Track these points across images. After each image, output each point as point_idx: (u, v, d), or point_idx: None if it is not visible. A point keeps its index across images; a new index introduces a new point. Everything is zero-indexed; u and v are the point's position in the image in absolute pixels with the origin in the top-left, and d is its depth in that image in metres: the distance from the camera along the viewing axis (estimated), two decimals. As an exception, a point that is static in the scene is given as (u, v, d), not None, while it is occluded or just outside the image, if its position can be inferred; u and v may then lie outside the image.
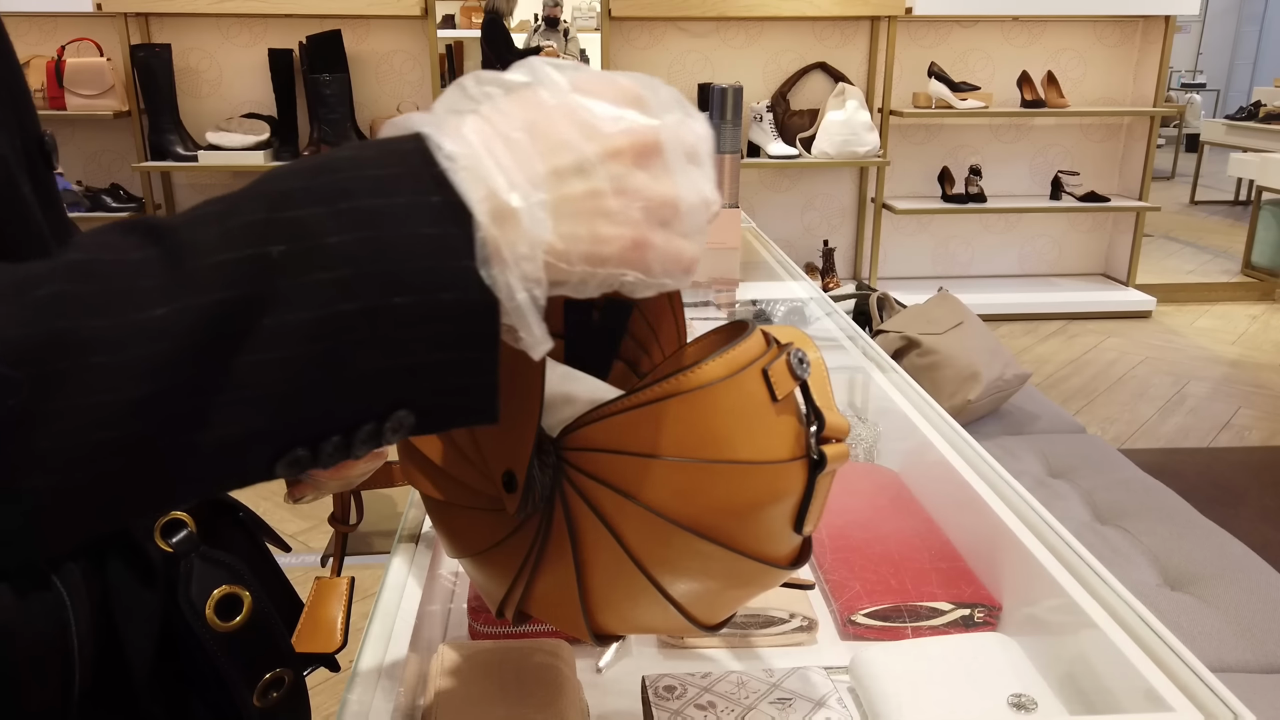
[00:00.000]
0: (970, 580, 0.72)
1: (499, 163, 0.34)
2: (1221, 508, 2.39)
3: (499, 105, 0.36)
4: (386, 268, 0.31)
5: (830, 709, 0.58)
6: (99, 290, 0.29)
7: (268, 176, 0.33)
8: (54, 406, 0.28)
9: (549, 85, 0.36)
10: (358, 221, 0.31)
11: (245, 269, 0.30)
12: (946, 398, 2.16)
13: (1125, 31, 4.32)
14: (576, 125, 0.35)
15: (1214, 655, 1.42)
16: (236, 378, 0.30)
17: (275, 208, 0.31)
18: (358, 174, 0.32)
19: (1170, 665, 0.55)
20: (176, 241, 0.30)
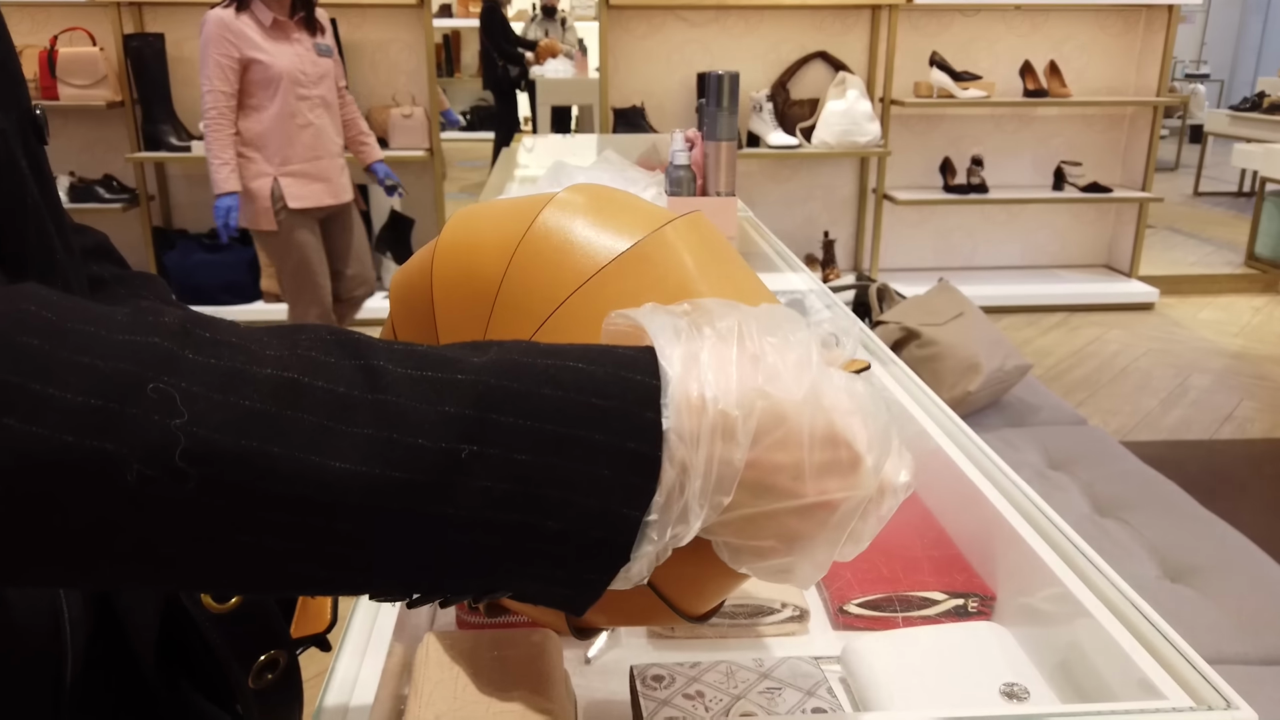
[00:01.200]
0: (965, 570, 0.71)
1: (703, 465, 0.34)
2: (1223, 500, 2.38)
3: (730, 371, 0.34)
4: (553, 494, 0.33)
5: (819, 698, 0.58)
6: (297, 420, 0.31)
7: (503, 353, 0.34)
8: (212, 506, 0.30)
9: (791, 387, 0.35)
10: (552, 446, 0.33)
11: (432, 459, 0.32)
12: (947, 389, 2.15)
13: (1129, 21, 4.30)
14: (789, 465, 0.34)
15: (1214, 647, 1.41)
16: (379, 542, 0.32)
17: (487, 407, 0.33)
18: (579, 398, 0.33)
19: (1164, 654, 0.54)
20: (386, 401, 0.32)
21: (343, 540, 0.32)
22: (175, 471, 0.29)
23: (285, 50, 2.70)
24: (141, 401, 0.29)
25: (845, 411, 0.35)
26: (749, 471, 0.34)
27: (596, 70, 4.65)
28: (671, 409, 0.33)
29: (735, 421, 0.33)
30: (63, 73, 3.76)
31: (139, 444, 0.29)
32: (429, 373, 0.33)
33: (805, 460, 0.34)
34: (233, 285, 4.07)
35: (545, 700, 0.56)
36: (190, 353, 0.31)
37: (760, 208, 4.21)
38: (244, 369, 0.31)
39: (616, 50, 4.07)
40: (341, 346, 0.33)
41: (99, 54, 3.79)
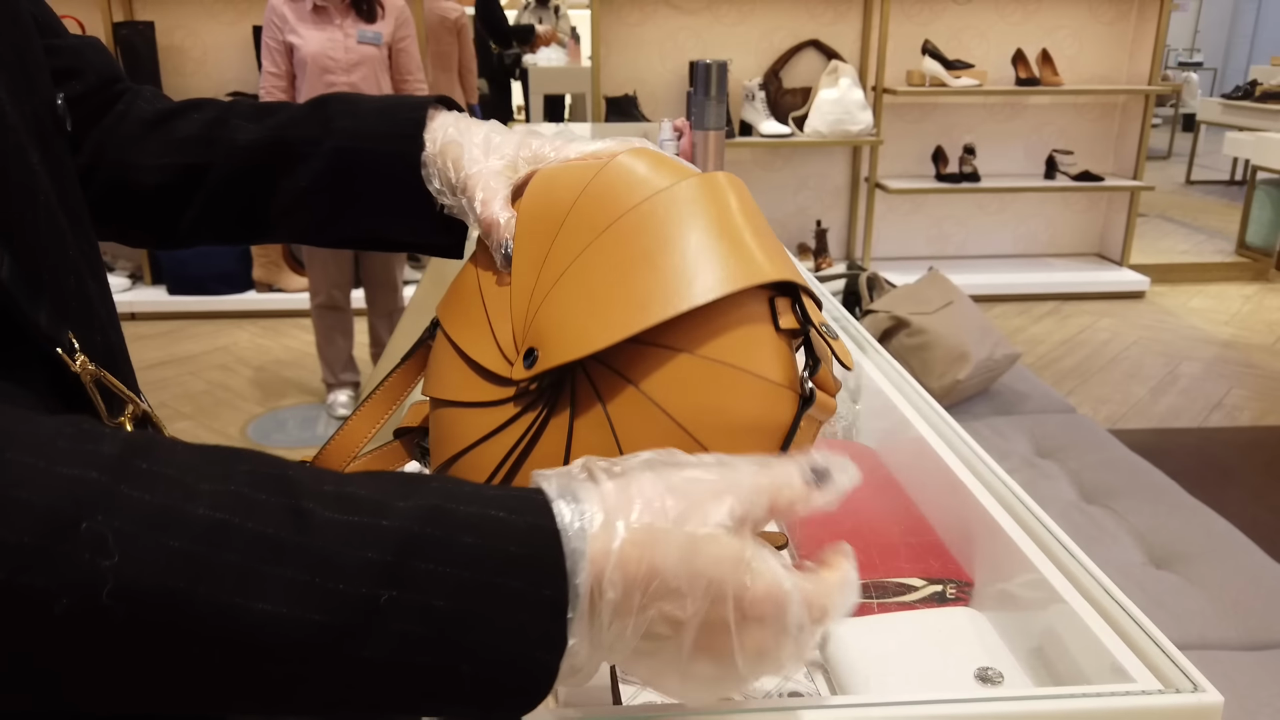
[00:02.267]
0: (943, 556, 0.72)
1: (612, 607, 0.35)
2: (1211, 487, 2.39)
3: (634, 512, 0.37)
4: (468, 639, 0.34)
5: (796, 682, 0.58)
6: (224, 563, 0.32)
7: (428, 497, 0.36)
8: (136, 642, 0.31)
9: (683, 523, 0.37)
10: (470, 593, 0.34)
11: (353, 604, 0.33)
12: (936, 377, 2.16)
13: (1121, 9, 4.30)
14: (696, 584, 0.36)
15: (1198, 633, 1.43)
16: (296, 681, 0.33)
17: (408, 554, 0.34)
18: (498, 545, 0.35)
19: (1135, 639, 0.54)
20: (311, 544, 0.33)
21: (265, 679, 0.33)
22: (102, 609, 0.30)
23: (319, 35, 2.71)
24: (74, 539, 0.30)
25: (763, 577, 0.37)
26: (652, 606, 0.36)
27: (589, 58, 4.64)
28: (586, 559, 0.35)
29: (640, 558, 0.35)
30: (51, 61, 3.74)
31: (69, 581, 0.30)
32: (354, 518, 0.34)
33: (718, 606, 0.37)
34: (225, 274, 4.07)
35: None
36: (125, 487, 0.32)
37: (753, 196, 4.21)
38: (177, 506, 0.32)
39: (609, 38, 4.06)
40: (274, 484, 0.34)
41: (88, 42, 3.77)
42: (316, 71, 2.71)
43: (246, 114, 0.63)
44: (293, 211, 0.62)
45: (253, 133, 0.61)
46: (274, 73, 2.73)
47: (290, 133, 0.61)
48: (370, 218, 0.62)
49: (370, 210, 0.61)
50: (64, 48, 0.61)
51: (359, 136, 0.60)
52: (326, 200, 0.61)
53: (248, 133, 0.61)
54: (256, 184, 0.61)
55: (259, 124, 0.62)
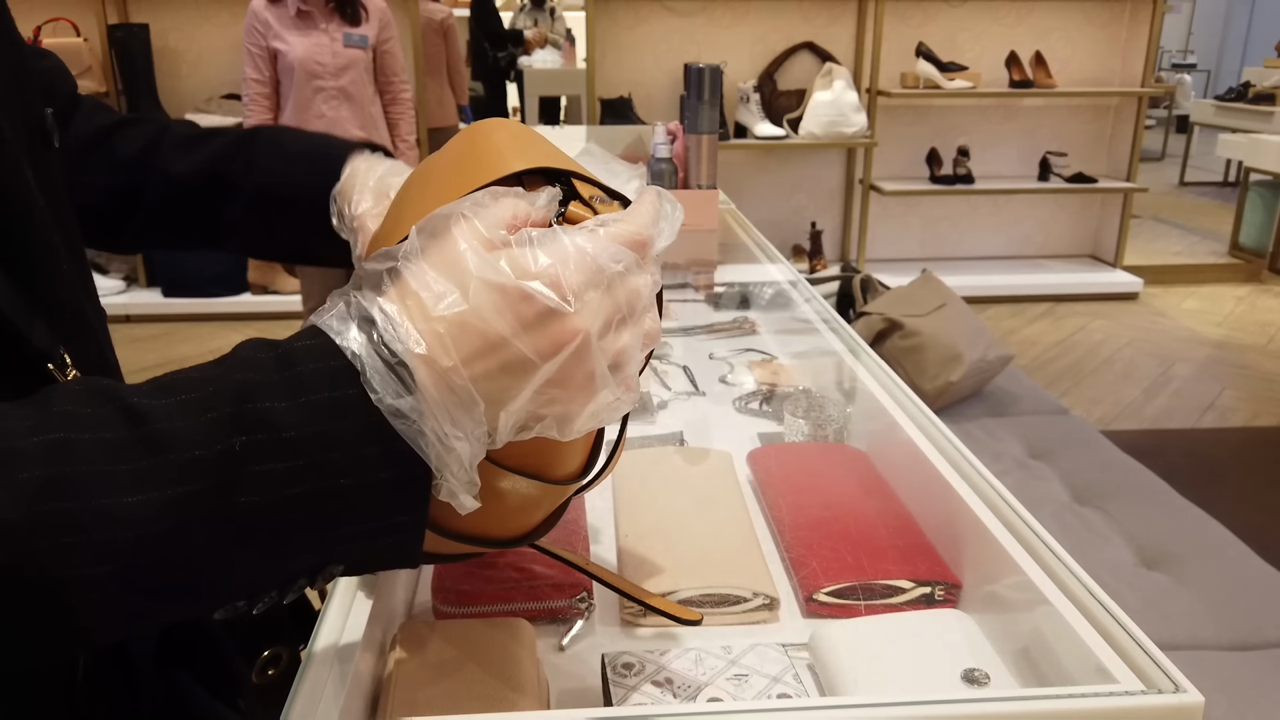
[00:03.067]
0: (931, 559, 0.73)
1: (443, 403, 0.36)
2: (1203, 488, 2.40)
3: (427, 283, 0.38)
4: (334, 456, 0.35)
5: (785, 684, 0.59)
6: (77, 473, 0.32)
7: (236, 362, 0.36)
8: (35, 580, 0.31)
9: (483, 281, 0.38)
10: (313, 414, 0.35)
11: (212, 463, 0.33)
12: (929, 379, 2.17)
13: (1114, 11, 4.31)
14: (501, 348, 0.37)
15: (1189, 633, 1.44)
16: (192, 556, 0.34)
17: (242, 399, 0.35)
18: (319, 366, 0.36)
19: (1119, 641, 0.55)
20: (153, 431, 0.34)
21: (163, 568, 0.34)
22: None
23: (304, 40, 2.69)
24: None
25: (527, 276, 0.37)
26: (474, 370, 0.37)
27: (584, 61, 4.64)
28: (382, 393, 0.36)
29: (439, 359, 0.36)
30: (46, 63, 3.74)
31: None
32: (182, 396, 0.35)
33: (510, 338, 0.37)
34: (221, 277, 4.06)
35: (518, 688, 0.57)
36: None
37: (747, 198, 4.21)
38: (13, 447, 0.32)
39: (604, 41, 4.07)
40: (97, 396, 0.35)
41: (83, 44, 3.77)
42: (304, 77, 2.70)
43: (178, 143, 0.68)
44: (230, 233, 0.69)
45: (184, 164, 0.67)
46: (257, 79, 2.71)
47: (219, 167, 0.67)
48: (299, 242, 0.69)
49: (297, 237, 0.69)
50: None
51: (282, 180, 0.67)
52: (256, 227, 0.68)
53: (180, 163, 0.67)
54: (191, 209, 0.68)
55: (190, 155, 0.68)
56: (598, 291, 0.38)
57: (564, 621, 0.70)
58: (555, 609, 0.70)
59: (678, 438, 1.04)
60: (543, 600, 0.70)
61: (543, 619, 0.70)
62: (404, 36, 3.99)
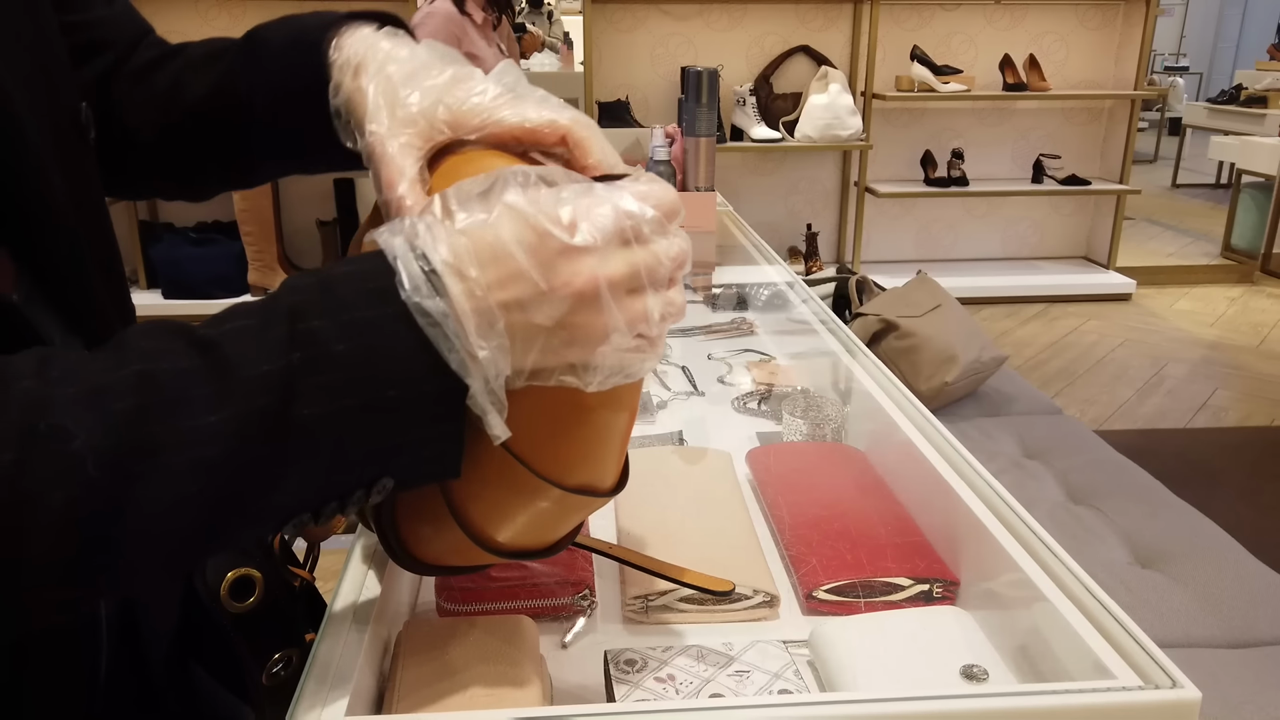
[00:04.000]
0: (930, 556, 0.74)
1: (469, 312, 0.39)
2: (1197, 487, 2.42)
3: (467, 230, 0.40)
4: (377, 370, 0.38)
5: (786, 680, 0.60)
6: (163, 400, 0.35)
7: (283, 290, 0.40)
8: (129, 502, 0.34)
9: (511, 209, 0.40)
10: (355, 330, 0.38)
11: (277, 378, 0.37)
12: (924, 380, 2.18)
13: (1107, 14, 4.33)
14: (519, 275, 0.39)
15: (1182, 631, 1.45)
16: (265, 469, 0.37)
17: (294, 320, 0.38)
18: (360, 287, 0.39)
19: (1116, 637, 0.56)
20: (221, 356, 0.37)
21: (241, 479, 0.36)
22: (91, 484, 0.33)
23: (489, 50, 2.65)
24: (38, 440, 0.33)
25: (553, 218, 0.39)
26: (496, 296, 0.39)
27: (581, 64, 4.65)
28: (425, 302, 0.38)
29: (456, 266, 0.39)
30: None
31: (53, 473, 0.33)
32: (243, 322, 0.38)
33: (524, 265, 0.39)
34: (220, 278, 4.06)
35: (521, 685, 0.58)
36: (55, 389, 0.34)
37: (743, 201, 4.22)
38: (101, 383, 0.35)
39: (601, 44, 4.08)
40: (166, 333, 0.38)
41: (78, 47, 3.76)
42: None
43: (196, 63, 0.60)
44: (262, 162, 0.61)
45: (200, 87, 0.58)
46: None
47: (225, 82, 0.58)
48: (323, 153, 0.56)
49: (318, 148, 0.56)
50: (89, 22, 0.60)
51: (268, 81, 0.56)
52: (281, 141, 0.58)
53: (195, 87, 0.59)
54: (213, 141, 0.59)
55: (206, 73, 0.59)
56: (619, 245, 0.40)
57: (566, 619, 0.71)
58: (557, 606, 0.71)
59: (677, 437, 1.05)
60: (545, 598, 0.70)
61: (545, 616, 0.71)
62: (400, 39, 4.00)
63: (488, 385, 0.40)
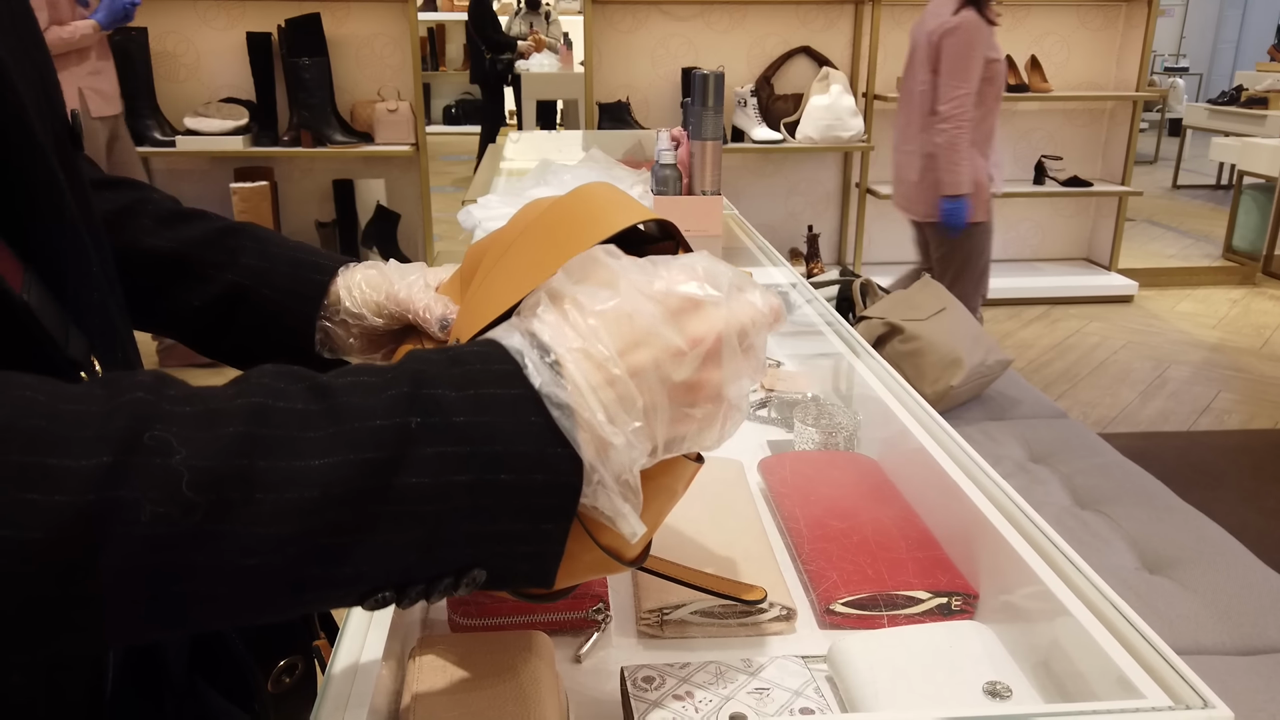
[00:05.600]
0: (948, 569, 0.73)
1: (598, 399, 0.39)
2: (1201, 490, 2.41)
3: (585, 308, 0.40)
4: (496, 449, 0.37)
5: (807, 698, 0.59)
6: (273, 436, 0.35)
7: (408, 358, 0.39)
8: (218, 531, 0.33)
9: (627, 290, 0.41)
10: (479, 406, 0.37)
11: (390, 434, 0.36)
12: (929, 384, 2.17)
13: (1108, 15, 4.33)
14: (655, 337, 0.40)
15: (1191, 638, 1.44)
16: (358, 528, 0.36)
17: (418, 385, 0.37)
18: (484, 368, 0.38)
19: (1142, 653, 0.55)
20: (338, 403, 0.36)
21: (333, 532, 0.35)
22: (184, 503, 0.32)
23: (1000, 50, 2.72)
24: (142, 449, 0.32)
25: (674, 281, 0.41)
26: (632, 360, 0.39)
27: (581, 65, 4.64)
28: (555, 394, 0.38)
29: (595, 350, 0.39)
30: (41, 67, 3.72)
31: (149, 484, 0.32)
32: (364, 378, 0.38)
33: (659, 326, 0.40)
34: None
35: (536, 701, 0.57)
36: (168, 405, 0.34)
37: (744, 202, 4.22)
38: (216, 407, 0.35)
39: (601, 45, 4.07)
40: (287, 375, 0.37)
41: (77, 48, 3.75)
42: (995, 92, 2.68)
43: (160, 216, 0.65)
44: (182, 322, 0.65)
45: (158, 239, 0.64)
46: (966, 92, 2.63)
47: (194, 252, 0.64)
48: (249, 347, 0.65)
49: (247, 341, 0.65)
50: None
51: (261, 280, 0.63)
52: (211, 321, 0.64)
53: (154, 237, 0.64)
54: (152, 286, 0.64)
55: (168, 232, 0.64)
56: (735, 297, 0.42)
57: (581, 633, 0.70)
58: (572, 621, 0.70)
59: (687, 446, 1.03)
60: (560, 612, 0.69)
61: (559, 631, 0.70)
62: (402, 39, 3.99)
63: (620, 478, 0.39)
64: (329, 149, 3.86)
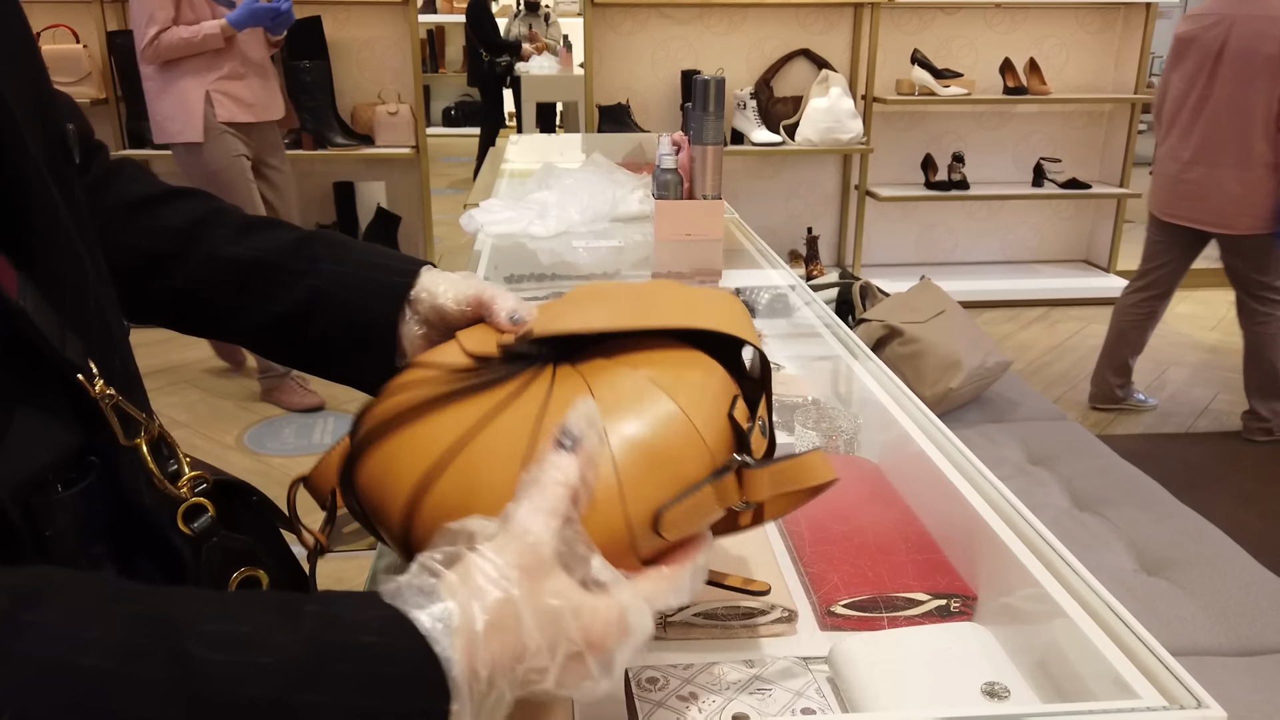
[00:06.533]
0: (947, 571, 0.74)
1: (485, 685, 0.39)
2: (1199, 492, 2.42)
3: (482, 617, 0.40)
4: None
5: (808, 699, 0.60)
6: (115, 712, 0.32)
7: (300, 628, 0.37)
8: None
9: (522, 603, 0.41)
10: (360, 716, 0.36)
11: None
12: (928, 386, 2.18)
13: (1107, 18, 4.34)
14: (550, 644, 0.41)
15: (1189, 639, 1.45)
16: None
17: (290, 688, 0.35)
18: (372, 670, 0.37)
19: (1138, 654, 0.56)
20: (197, 692, 0.34)
21: None
22: None
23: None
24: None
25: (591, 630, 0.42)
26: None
27: (581, 67, 4.65)
28: (456, 657, 0.38)
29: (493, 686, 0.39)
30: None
31: None
32: (235, 657, 0.35)
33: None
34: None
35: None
36: (15, 641, 0.32)
37: (744, 205, 4.23)
38: (66, 659, 0.32)
39: (601, 47, 4.08)
40: (158, 627, 0.35)
41: (82, 51, 3.76)
42: None
43: (234, 224, 0.65)
44: (260, 328, 0.65)
45: (238, 248, 0.64)
46: None
47: (275, 259, 0.64)
48: (326, 355, 0.65)
49: (328, 349, 0.65)
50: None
51: (343, 285, 0.63)
52: (292, 329, 0.64)
53: (233, 247, 0.64)
54: (229, 294, 0.64)
55: (245, 239, 0.65)
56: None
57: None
58: (576, 623, 0.71)
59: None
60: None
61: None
62: (402, 41, 4.00)
63: None
64: (329, 151, 3.87)
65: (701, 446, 0.49)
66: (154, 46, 2.75)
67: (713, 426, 0.50)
